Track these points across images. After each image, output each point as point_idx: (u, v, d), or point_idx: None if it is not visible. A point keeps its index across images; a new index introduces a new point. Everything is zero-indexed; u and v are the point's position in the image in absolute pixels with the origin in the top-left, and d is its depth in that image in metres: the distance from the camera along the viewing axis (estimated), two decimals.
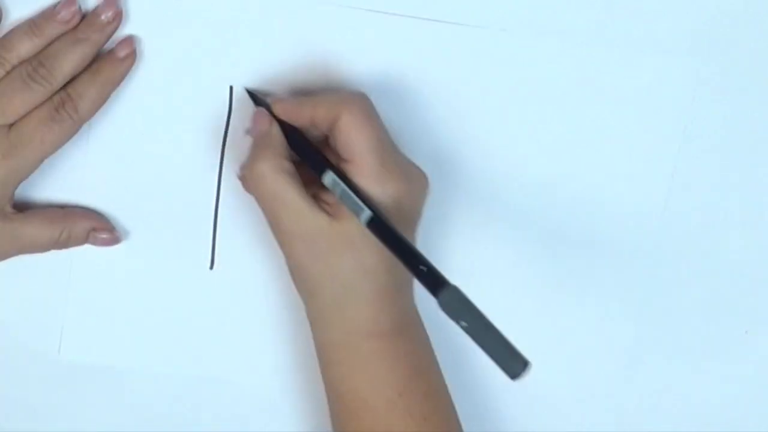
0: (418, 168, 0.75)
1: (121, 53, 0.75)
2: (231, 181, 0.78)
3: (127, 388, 0.82)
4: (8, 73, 0.74)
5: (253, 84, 0.77)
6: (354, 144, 0.72)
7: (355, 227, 0.71)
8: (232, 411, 0.83)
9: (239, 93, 0.77)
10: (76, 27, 0.74)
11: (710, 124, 0.79)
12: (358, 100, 0.73)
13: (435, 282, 0.68)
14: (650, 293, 0.82)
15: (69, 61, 0.73)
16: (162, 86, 0.77)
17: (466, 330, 0.66)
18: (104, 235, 0.78)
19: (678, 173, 0.80)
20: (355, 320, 0.73)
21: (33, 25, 0.74)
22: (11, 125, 0.73)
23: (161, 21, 0.76)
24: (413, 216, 0.74)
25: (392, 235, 0.70)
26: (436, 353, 0.76)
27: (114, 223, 0.79)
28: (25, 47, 0.74)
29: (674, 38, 0.77)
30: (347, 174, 0.72)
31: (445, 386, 0.76)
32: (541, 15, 0.77)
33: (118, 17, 0.75)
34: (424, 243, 0.75)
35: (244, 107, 0.77)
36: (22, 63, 0.74)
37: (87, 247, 0.79)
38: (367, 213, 0.70)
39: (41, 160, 0.74)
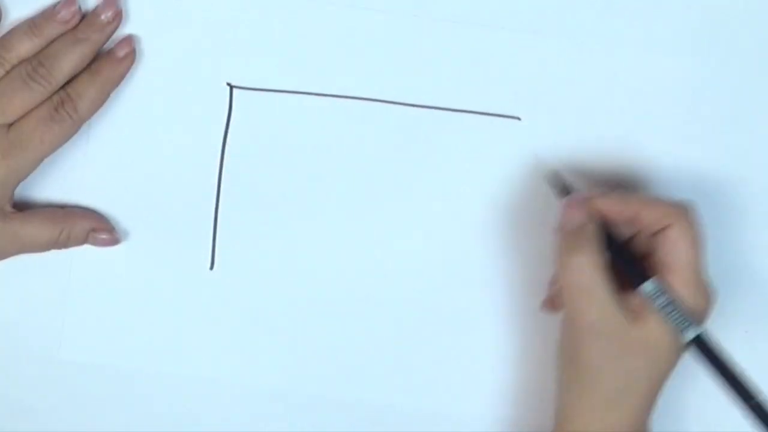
0: (711, 289, 0.75)
1: (121, 53, 0.75)
2: (231, 181, 0.78)
3: (127, 387, 0.82)
4: (8, 72, 0.74)
5: (252, 84, 0.77)
6: (681, 256, 0.72)
7: (655, 333, 0.72)
8: (232, 411, 0.83)
9: (239, 93, 0.77)
10: (75, 27, 0.74)
11: (710, 124, 0.79)
12: (693, 213, 0.73)
13: (765, 415, 0.69)
14: None
15: (69, 61, 0.73)
16: (162, 86, 0.77)
17: None
18: (104, 236, 0.78)
19: (678, 173, 0.79)
20: (623, 422, 0.73)
21: (33, 25, 0.74)
22: (11, 125, 0.74)
23: (161, 21, 0.76)
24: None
25: (719, 356, 0.71)
26: None
27: (114, 223, 0.79)
28: (25, 47, 0.74)
29: (674, 38, 0.77)
30: (666, 282, 0.72)
31: None
32: (541, 15, 0.77)
33: (118, 17, 0.75)
34: None
35: (245, 108, 0.77)
36: (21, 63, 0.74)
37: (87, 247, 0.79)
38: (693, 330, 0.71)
39: (41, 160, 0.74)
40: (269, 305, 0.81)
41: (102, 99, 0.75)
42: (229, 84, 0.77)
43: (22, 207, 0.77)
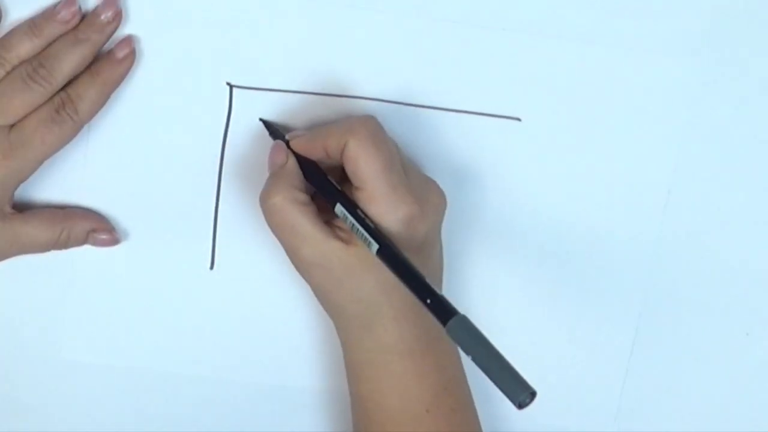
0: (434, 184, 0.75)
1: (120, 54, 0.75)
2: (231, 181, 0.79)
3: (128, 387, 0.82)
4: (8, 73, 0.74)
5: (252, 83, 0.77)
6: (362, 171, 0.72)
7: (365, 250, 0.72)
8: (232, 411, 0.83)
9: (239, 93, 0.77)
10: (76, 27, 0.74)
11: (710, 124, 0.79)
12: (364, 126, 0.73)
13: (443, 311, 0.69)
14: (651, 295, 0.82)
15: (69, 61, 0.73)
16: (161, 86, 0.77)
17: (474, 359, 0.67)
18: (104, 236, 0.78)
19: (678, 173, 0.79)
20: (383, 339, 0.74)
21: (33, 25, 0.74)
22: (11, 126, 0.73)
23: (161, 21, 0.76)
24: (430, 232, 0.75)
25: (401, 265, 0.71)
26: None
27: (114, 223, 0.79)
28: (25, 47, 0.74)
29: (674, 38, 0.77)
30: (359, 202, 0.73)
31: (471, 400, 0.77)
32: (541, 15, 0.77)
33: (118, 17, 0.75)
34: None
35: (245, 108, 0.77)
36: (22, 63, 0.74)
37: (87, 247, 0.79)
38: (374, 246, 0.71)
39: (41, 161, 0.74)
40: (269, 305, 0.81)
41: (102, 100, 0.75)
42: (229, 84, 0.77)
43: (22, 208, 0.77)
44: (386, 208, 0.72)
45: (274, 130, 0.77)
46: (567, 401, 0.84)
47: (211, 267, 0.81)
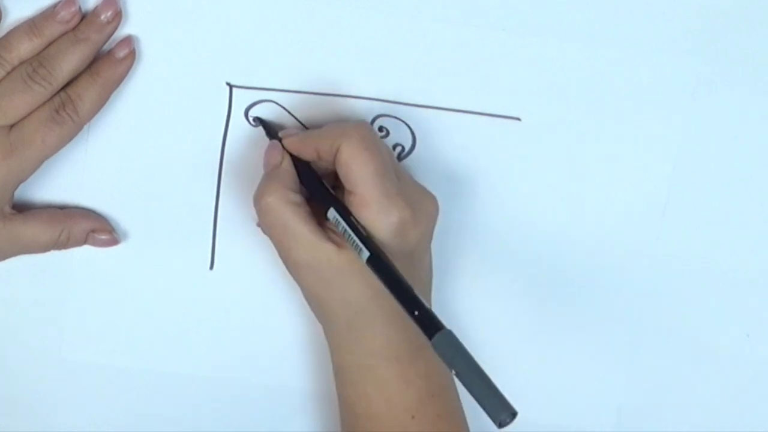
0: (426, 191, 0.75)
1: (120, 54, 0.75)
2: (231, 181, 0.78)
3: (128, 387, 0.82)
4: (8, 73, 0.74)
5: (252, 83, 0.77)
6: (354, 176, 0.72)
7: (354, 254, 0.72)
8: (232, 411, 0.83)
9: (239, 93, 0.77)
10: (75, 27, 0.74)
11: (710, 124, 0.79)
12: (356, 131, 0.73)
13: (429, 325, 0.69)
14: (651, 296, 0.82)
15: (69, 61, 0.73)
16: (161, 86, 0.77)
17: (457, 375, 0.67)
18: (103, 237, 0.78)
19: (678, 174, 0.79)
20: (371, 343, 0.74)
21: (33, 25, 0.74)
22: (12, 126, 0.73)
23: (160, 21, 0.76)
24: (422, 240, 0.74)
25: (390, 274, 0.71)
26: None
27: (113, 223, 0.79)
28: (25, 48, 0.74)
29: (674, 38, 0.77)
30: (351, 206, 0.72)
31: (459, 407, 0.77)
32: (541, 15, 0.77)
33: (118, 17, 0.75)
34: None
35: (245, 108, 0.77)
36: (22, 63, 0.74)
37: (87, 247, 0.79)
38: (365, 253, 0.71)
39: (41, 161, 0.74)
40: (269, 305, 0.81)
41: (102, 100, 0.75)
42: (229, 84, 0.77)
43: (22, 208, 0.77)
44: (378, 213, 0.72)
45: (270, 129, 0.77)
46: (567, 401, 0.84)
47: (211, 267, 0.81)
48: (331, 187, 0.75)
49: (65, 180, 0.78)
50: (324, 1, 0.76)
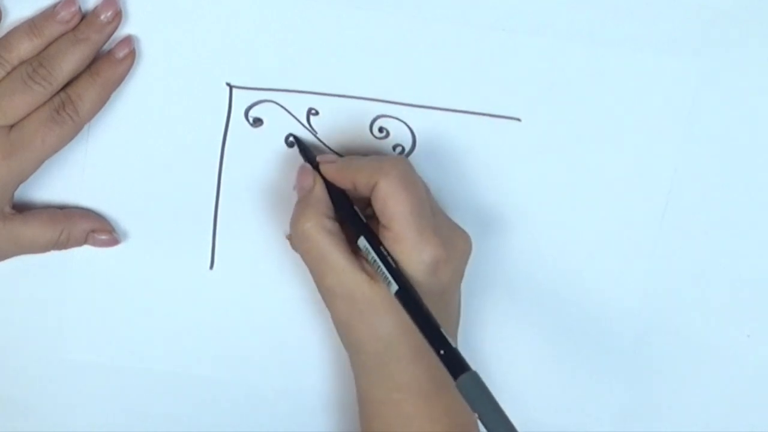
0: (459, 229, 0.75)
1: (120, 54, 0.75)
2: (231, 181, 0.79)
3: (128, 387, 0.83)
4: (8, 73, 0.74)
5: (252, 84, 0.77)
6: (390, 213, 0.72)
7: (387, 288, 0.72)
8: (232, 411, 0.83)
9: (239, 93, 0.77)
10: (75, 27, 0.74)
11: (710, 124, 0.79)
12: (395, 167, 0.73)
13: (455, 365, 0.69)
14: (651, 297, 0.82)
15: (69, 61, 0.73)
16: (161, 86, 0.77)
17: (481, 417, 0.67)
18: (103, 237, 0.78)
19: (678, 174, 0.79)
20: (398, 378, 0.74)
21: (33, 25, 0.74)
22: (12, 126, 0.73)
23: (161, 21, 0.76)
24: (453, 279, 0.75)
25: (418, 310, 0.71)
26: None
27: (113, 223, 0.79)
28: (25, 48, 0.74)
29: (674, 38, 0.77)
30: (385, 240, 0.73)
31: None
32: (541, 15, 0.77)
33: (118, 17, 0.75)
34: None
35: (245, 108, 0.77)
36: (22, 64, 0.74)
37: (87, 247, 0.79)
38: (394, 285, 0.71)
39: (41, 162, 0.74)
40: (269, 305, 0.81)
41: (103, 100, 0.75)
42: (229, 84, 0.77)
43: (22, 208, 0.77)
44: (412, 250, 0.72)
45: (304, 148, 0.77)
46: (567, 401, 0.84)
47: (211, 267, 0.81)
48: (361, 210, 0.75)
49: (65, 180, 0.78)
50: (324, 1, 0.76)
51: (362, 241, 0.73)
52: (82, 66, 0.74)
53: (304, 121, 0.78)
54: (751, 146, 0.79)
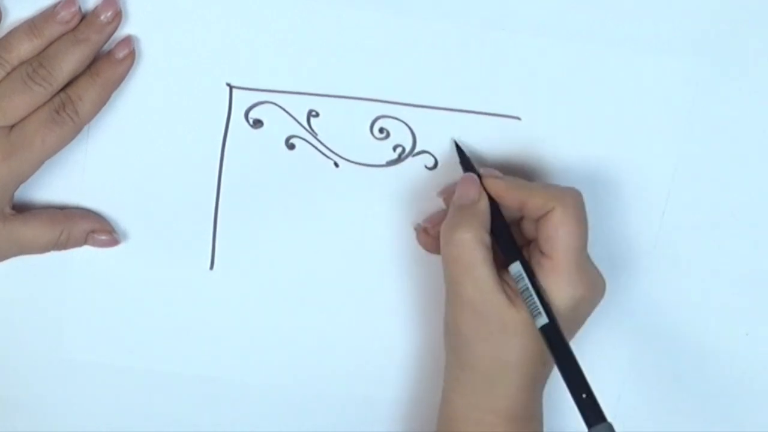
0: (600, 275, 0.75)
1: (120, 54, 0.75)
2: (231, 181, 0.79)
3: (128, 387, 0.83)
4: (8, 74, 0.74)
5: (252, 84, 0.77)
6: (558, 242, 0.73)
7: (529, 318, 0.72)
8: (232, 411, 0.83)
9: (239, 93, 0.77)
10: (75, 28, 0.74)
11: (710, 124, 0.79)
12: (573, 198, 0.74)
13: (593, 413, 0.69)
14: (650, 296, 0.82)
15: (69, 62, 0.73)
16: (161, 86, 0.77)
17: None
18: (103, 237, 0.79)
19: (678, 173, 0.80)
20: (500, 402, 0.74)
21: (33, 25, 0.74)
22: (12, 126, 0.73)
23: (161, 21, 0.76)
24: (581, 322, 0.75)
25: (563, 348, 0.71)
26: None
27: (113, 223, 0.79)
28: (25, 48, 0.74)
29: (674, 38, 0.77)
30: (539, 267, 0.73)
31: None
32: (541, 15, 0.77)
33: (118, 17, 0.75)
34: None
35: (245, 109, 0.77)
36: (22, 64, 0.74)
37: (87, 247, 0.79)
38: (543, 318, 0.71)
39: (42, 162, 0.74)
40: (269, 305, 0.81)
41: (103, 101, 0.75)
42: (229, 84, 0.77)
43: (22, 208, 0.77)
44: (567, 283, 0.73)
45: (465, 159, 0.77)
46: (567, 401, 0.83)
47: (211, 267, 0.81)
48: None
49: (65, 180, 0.78)
50: (324, 1, 0.76)
51: (516, 267, 0.73)
52: (82, 66, 0.74)
53: (305, 123, 0.78)
54: (751, 146, 0.79)
